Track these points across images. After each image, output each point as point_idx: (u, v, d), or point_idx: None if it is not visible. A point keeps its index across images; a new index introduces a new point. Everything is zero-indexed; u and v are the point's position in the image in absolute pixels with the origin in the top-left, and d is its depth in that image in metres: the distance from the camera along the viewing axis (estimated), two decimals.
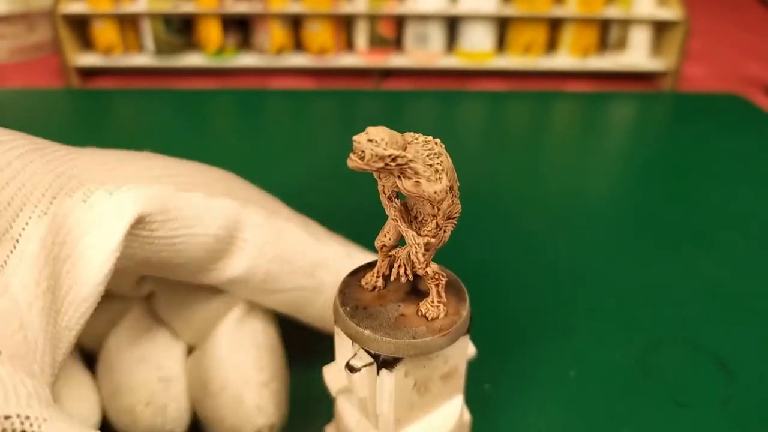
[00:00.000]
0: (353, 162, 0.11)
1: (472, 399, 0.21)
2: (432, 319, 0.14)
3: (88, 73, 0.56)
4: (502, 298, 0.26)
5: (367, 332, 0.13)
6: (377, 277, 0.14)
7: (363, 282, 0.14)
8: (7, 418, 0.10)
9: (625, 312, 0.25)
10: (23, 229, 0.12)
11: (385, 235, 0.14)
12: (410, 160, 0.12)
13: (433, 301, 0.14)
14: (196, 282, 0.17)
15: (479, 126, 0.47)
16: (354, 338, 0.14)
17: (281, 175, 0.36)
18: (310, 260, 0.17)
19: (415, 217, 0.13)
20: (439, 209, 0.13)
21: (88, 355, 0.19)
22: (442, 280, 0.14)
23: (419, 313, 0.14)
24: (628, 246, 0.30)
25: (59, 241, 0.13)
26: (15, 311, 0.11)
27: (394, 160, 0.11)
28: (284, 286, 0.17)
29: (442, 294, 0.14)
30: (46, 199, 0.13)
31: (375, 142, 0.11)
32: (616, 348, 0.23)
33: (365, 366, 0.14)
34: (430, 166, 0.12)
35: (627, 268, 0.28)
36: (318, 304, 0.18)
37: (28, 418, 0.10)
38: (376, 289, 0.14)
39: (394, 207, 0.13)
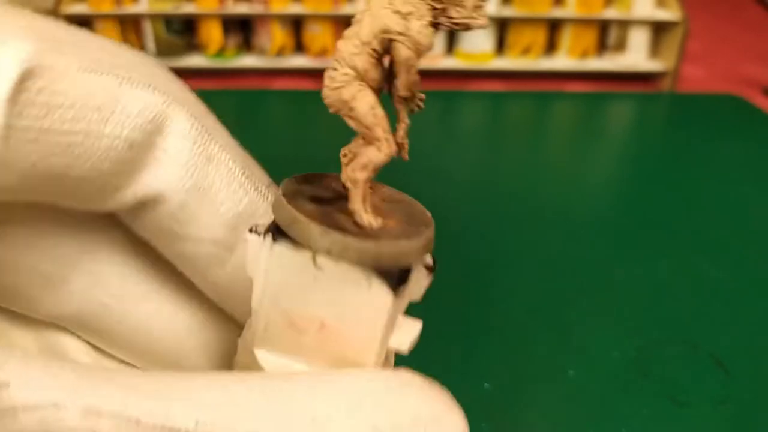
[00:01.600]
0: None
1: (472, 399, 0.21)
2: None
3: None
4: (502, 298, 0.26)
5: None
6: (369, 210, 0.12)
7: (366, 224, 0.11)
8: None
9: (623, 311, 0.25)
10: None
11: (388, 139, 0.11)
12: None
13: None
14: (92, 209, 0.12)
15: (479, 126, 0.47)
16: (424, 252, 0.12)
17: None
18: (238, 209, 0.13)
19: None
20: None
21: None
22: None
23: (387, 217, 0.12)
24: (627, 245, 0.30)
25: None
26: None
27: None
28: (197, 233, 0.13)
29: None
30: None
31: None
32: (615, 347, 0.23)
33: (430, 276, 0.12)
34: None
35: (625, 268, 0.28)
36: (227, 266, 0.13)
37: None
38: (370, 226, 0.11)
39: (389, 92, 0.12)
